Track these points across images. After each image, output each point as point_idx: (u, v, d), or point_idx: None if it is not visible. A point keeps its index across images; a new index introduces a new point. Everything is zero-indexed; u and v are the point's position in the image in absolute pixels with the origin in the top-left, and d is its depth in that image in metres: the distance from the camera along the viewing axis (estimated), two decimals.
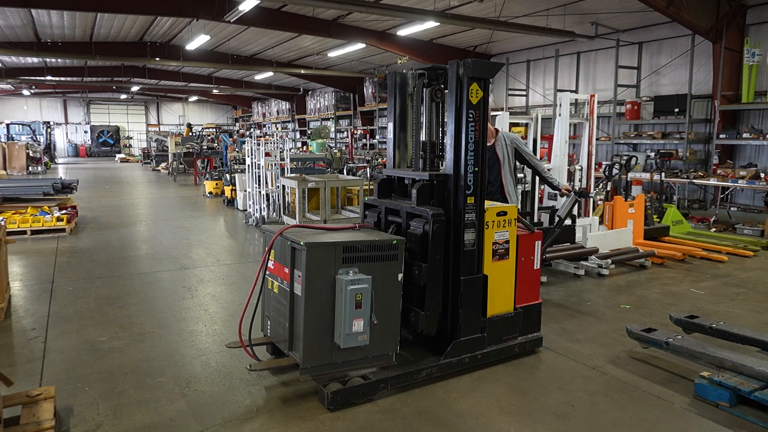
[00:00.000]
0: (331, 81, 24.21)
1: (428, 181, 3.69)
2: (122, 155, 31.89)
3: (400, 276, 3.43)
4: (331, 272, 3.22)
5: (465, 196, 3.59)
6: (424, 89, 3.83)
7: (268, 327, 3.70)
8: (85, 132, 36.58)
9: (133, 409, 3.20)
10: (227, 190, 12.28)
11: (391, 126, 4.05)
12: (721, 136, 11.14)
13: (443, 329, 3.79)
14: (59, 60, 21.78)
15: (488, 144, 5.04)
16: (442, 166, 3.86)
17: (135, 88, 29.99)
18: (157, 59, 18.70)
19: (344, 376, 3.36)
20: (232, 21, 12.25)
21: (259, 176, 10.05)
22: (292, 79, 25.79)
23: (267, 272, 3.65)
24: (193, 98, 35.34)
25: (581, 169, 7.59)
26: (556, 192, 5.86)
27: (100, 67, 23.78)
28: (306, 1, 10.89)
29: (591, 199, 7.62)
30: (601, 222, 7.33)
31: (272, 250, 3.53)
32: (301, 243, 3.15)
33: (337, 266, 3.23)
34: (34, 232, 8.50)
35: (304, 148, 22.20)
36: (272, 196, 9.78)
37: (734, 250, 7.34)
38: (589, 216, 7.38)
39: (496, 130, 5.17)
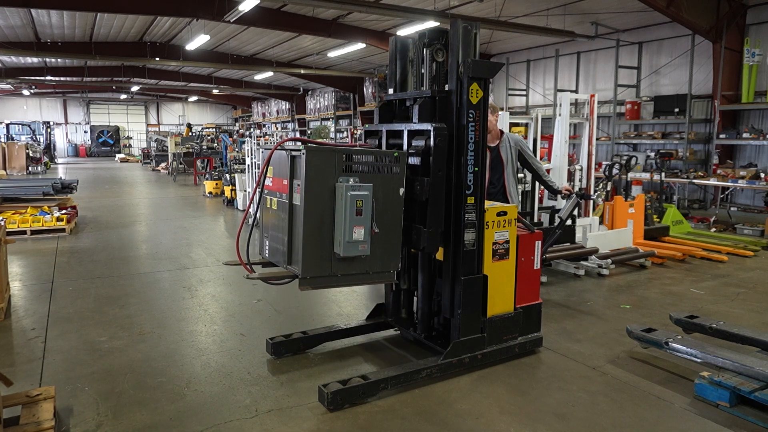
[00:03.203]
0: (331, 81, 24.20)
1: (430, 97, 3.64)
2: (122, 155, 31.89)
3: (402, 191, 3.39)
4: (331, 180, 3.17)
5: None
6: (425, 49, 3.77)
7: (266, 248, 3.63)
8: (85, 132, 36.59)
9: (133, 409, 3.20)
10: (227, 190, 12.27)
11: (391, 92, 4.03)
12: (721, 136, 11.14)
13: (443, 329, 3.79)
14: (59, 60, 21.77)
15: (493, 145, 5.03)
16: None
17: (135, 88, 29.99)
18: (157, 59, 18.71)
19: (345, 377, 3.35)
20: (232, 21, 12.25)
21: None
22: (292, 79, 25.78)
23: (265, 191, 3.58)
24: (193, 98, 35.34)
25: (581, 169, 7.59)
26: (557, 194, 5.86)
27: (100, 67, 23.78)
28: (306, 1, 10.91)
29: (591, 200, 7.62)
30: (601, 222, 7.33)
31: (270, 167, 3.46)
32: (301, 148, 3.12)
33: (337, 174, 3.18)
34: (34, 232, 8.50)
35: None
36: None
37: (734, 250, 7.34)
38: (589, 216, 7.38)
39: (501, 132, 5.16)
